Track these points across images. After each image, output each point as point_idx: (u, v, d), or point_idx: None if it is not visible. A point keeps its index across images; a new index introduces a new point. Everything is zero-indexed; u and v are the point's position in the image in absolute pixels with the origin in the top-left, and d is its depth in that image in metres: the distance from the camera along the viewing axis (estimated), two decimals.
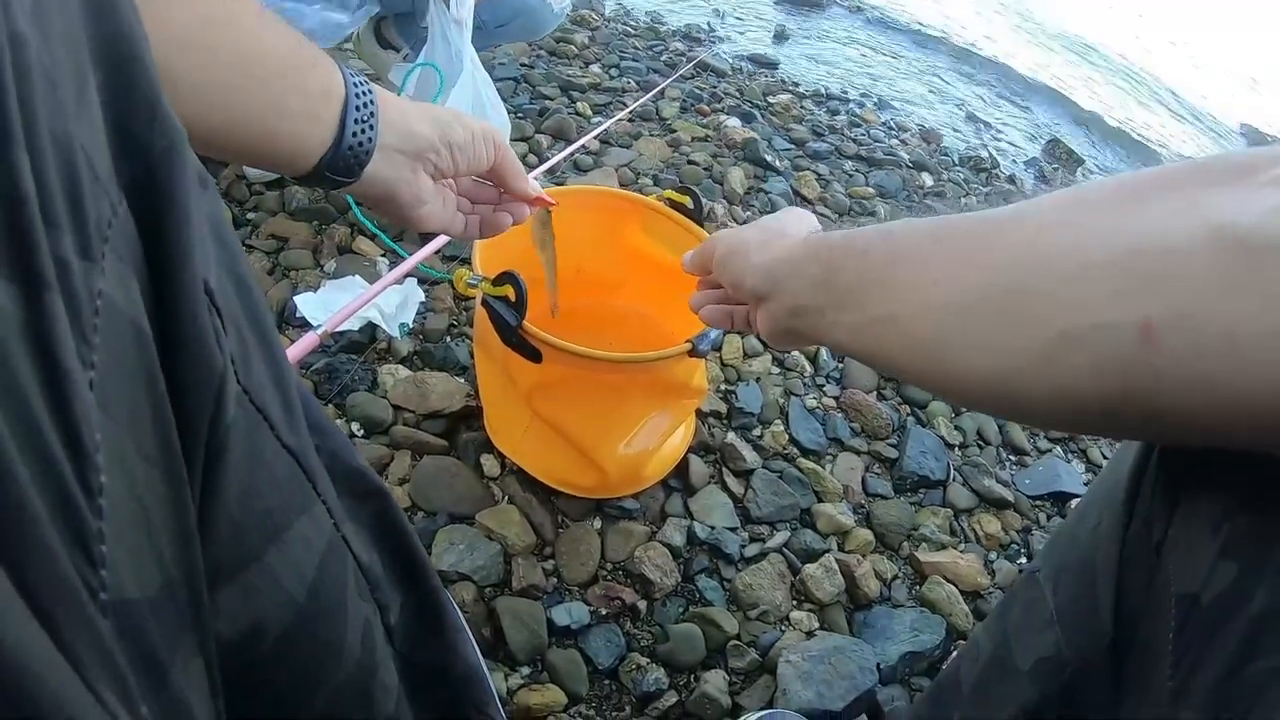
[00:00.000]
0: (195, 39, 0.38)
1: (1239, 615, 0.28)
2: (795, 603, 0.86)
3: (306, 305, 0.98)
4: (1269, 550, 0.28)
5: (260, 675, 0.34)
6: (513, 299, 0.69)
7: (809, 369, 1.15)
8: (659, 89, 1.76)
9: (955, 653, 0.81)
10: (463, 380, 0.96)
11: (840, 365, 1.17)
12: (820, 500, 0.96)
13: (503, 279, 0.70)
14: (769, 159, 1.62)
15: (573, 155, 1.39)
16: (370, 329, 0.99)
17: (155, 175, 0.25)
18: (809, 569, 0.87)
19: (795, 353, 1.16)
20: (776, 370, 1.13)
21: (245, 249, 1.06)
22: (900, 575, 0.92)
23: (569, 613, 0.77)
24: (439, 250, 1.02)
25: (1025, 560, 0.99)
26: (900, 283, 0.37)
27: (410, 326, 1.02)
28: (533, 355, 0.71)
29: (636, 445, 0.83)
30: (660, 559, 0.83)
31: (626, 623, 0.79)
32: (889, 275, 0.38)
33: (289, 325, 0.98)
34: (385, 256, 1.11)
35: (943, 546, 0.96)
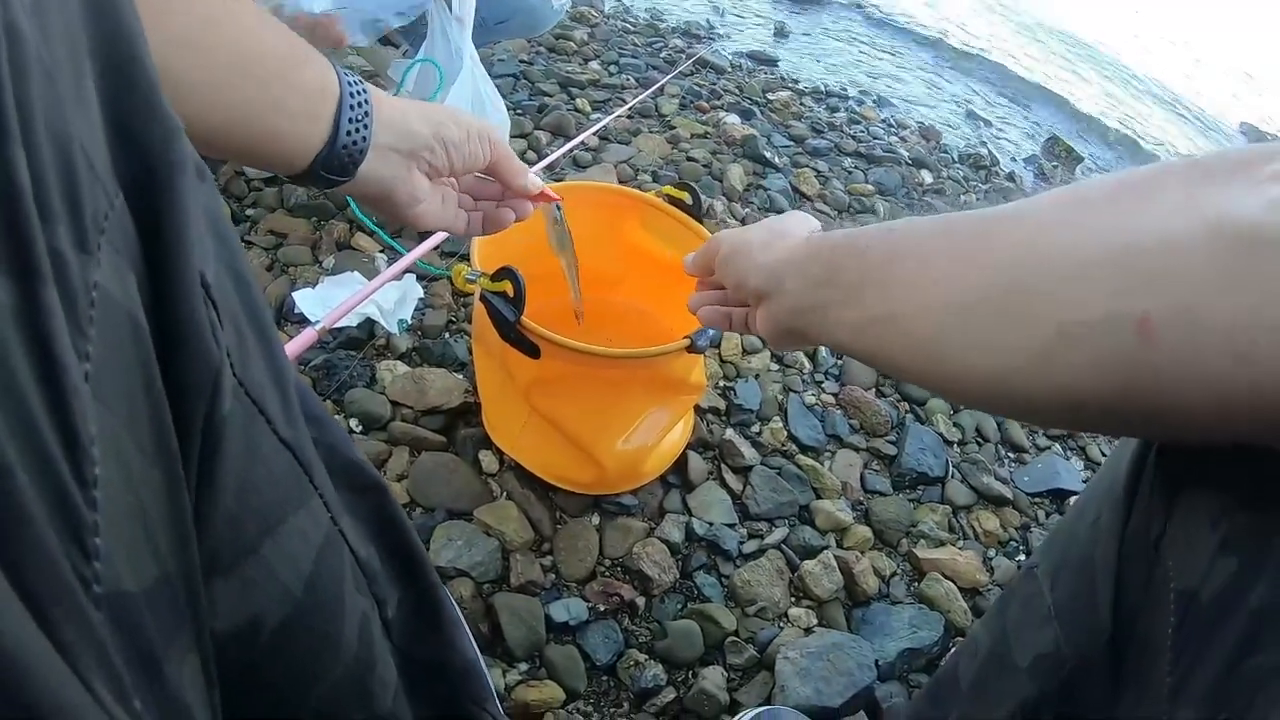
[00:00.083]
0: (195, 38, 0.38)
1: (1238, 611, 0.28)
2: (794, 599, 0.86)
3: (305, 301, 0.98)
4: (1268, 546, 0.28)
5: (257, 669, 0.34)
6: (511, 294, 0.69)
7: (808, 366, 1.15)
8: (658, 85, 1.76)
9: (953, 649, 0.81)
10: (461, 376, 0.96)
11: (839, 362, 1.17)
12: (819, 497, 0.96)
13: (501, 274, 0.70)
14: (768, 156, 1.62)
15: (572, 152, 1.39)
16: (369, 325, 0.99)
17: (153, 171, 0.26)
18: (807, 566, 0.87)
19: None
20: (775, 367, 1.13)
21: (244, 245, 1.06)
22: (899, 572, 0.92)
23: (567, 609, 0.76)
24: (437, 246, 1.02)
25: (1024, 557, 0.99)
26: (901, 282, 0.37)
27: (409, 323, 1.02)
28: (531, 351, 0.71)
29: (635, 441, 0.83)
30: (659, 555, 0.83)
31: (625, 619, 0.79)
32: (889, 275, 0.38)
33: (287, 321, 0.98)
34: (384, 252, 1.11)
35: (941, 543, 0.96)
